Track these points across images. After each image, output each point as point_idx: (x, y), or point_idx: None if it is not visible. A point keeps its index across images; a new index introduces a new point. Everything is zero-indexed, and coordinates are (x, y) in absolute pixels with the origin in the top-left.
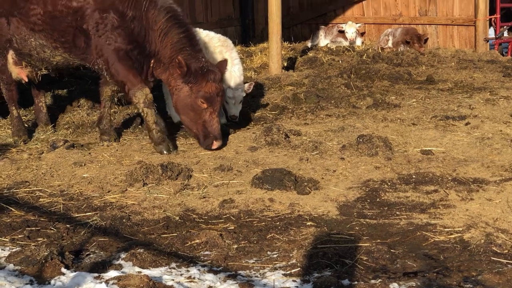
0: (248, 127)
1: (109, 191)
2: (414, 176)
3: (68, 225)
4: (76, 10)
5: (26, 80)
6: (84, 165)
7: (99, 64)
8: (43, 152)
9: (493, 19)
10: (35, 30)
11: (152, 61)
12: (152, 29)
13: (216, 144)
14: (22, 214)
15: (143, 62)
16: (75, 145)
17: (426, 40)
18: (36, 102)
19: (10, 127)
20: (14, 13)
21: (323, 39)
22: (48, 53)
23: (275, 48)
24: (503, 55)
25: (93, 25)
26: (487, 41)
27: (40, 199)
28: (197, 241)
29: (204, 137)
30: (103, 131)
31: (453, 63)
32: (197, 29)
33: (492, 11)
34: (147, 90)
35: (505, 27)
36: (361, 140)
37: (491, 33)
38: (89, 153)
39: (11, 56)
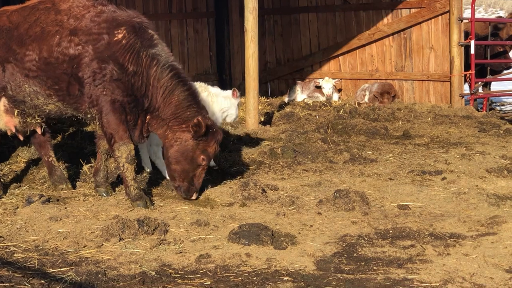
0: (225, 181)
1: (84, 246)
2: (391, 231)
3: (42, 281)
4: (72, 58)
5: (13, 131)
6: (60, 220)
7: (92, 113)
8: (18, 207)
9: (468, 75)
10: (29, 77)
11: (148, 117)
12: (154, 86)
13: (195, 196)
14: None
15: (137, 116)
16: (51, 200)
17: (394, 97)
18: (44, 158)
19: None
20: (10, 59)
21: (300, 94)
22: (41, 100)
23: (252, 103)
24: (478, 111)
25: (90, 74)
26: (463, 97)
27: (15, 254)
28: None
29: (187, 189)
30: (99, 183)
31: (429, 118)
32: None
33: (467, 67)
34: (132, 147)
35: (479, 83)
36: (338, 195)
37: (466, 88)
38: (65, 208)
39: (3, 103)
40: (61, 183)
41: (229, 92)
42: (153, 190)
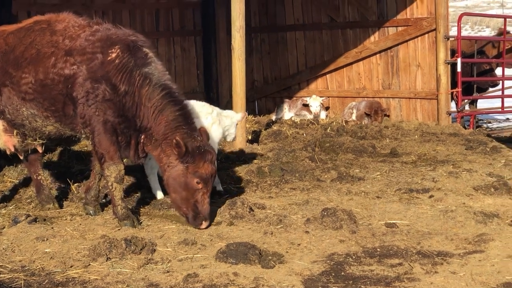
0: (212, 200)
1: (71, 266)
2: (378, 249)
3: None
4: (67, 78)
5: (12, 150)
6: (47, 239)
7: (86, 133)
8: (4, 227)
9: (454, 93)
10: (26, 100)
11: (142, 137)
12: (145, 106)
13: (205, 225)
14: None
15: (130, 136)
16: (37, 220)
17: (385, 115)
18: (33, 177)
19: None
20: (6, 83)
21: (288, 112)
22: (39, 122)
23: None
24: (465, 128)
25: (83, 94)
26: (450, 114)
27: (1, 275)
28: None
29: (194, 217)
30: (89, 201)
31: (416, 136)
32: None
33: (453, 85)
34: (122, 167)
35: (466, 100)
36: (325, 213)
37: (453, 106)
38: (52, 228)
39: (1, 123)
40: (48, 203)
41: (229, 112)
42: (141, 209)
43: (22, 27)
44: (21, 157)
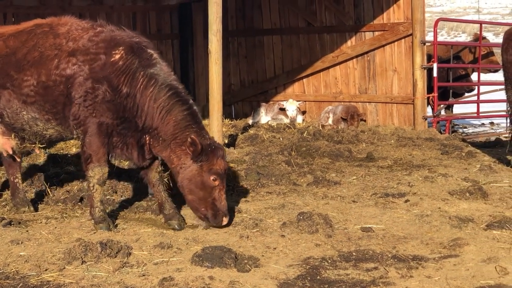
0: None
1: (46, 270)
2: (354, 254)
3: None
4: (68, 77)
5: (10, 153)
6: (21, 243)
7: (78, 133)
8: None
9: (430, 98)
10: (27, 103)
11: (147, 138)
12: (150, 106)
13: (225, 220)
14: None
15: (130, 137)
16: (12, 223)
17: (361, 119)
18: (10, 179)
19: None
20: (6, 85)
21: (264, 116)
22: (41, 126)
23: (216, 125)
24: (441, 133)
25: (82, 94)
26: (426, 119)
27: None
28: None
29: (214, 215)
30: (170, 215)
31: (392, 141)
32: None
33: (430, 90)
34: (106, 170)
35: (442, 105)
36: (301, 217)
37: (429, 111)
38: (27, 231)
39: None
40: (23, 206)
41: None
42: (117, 212)
43: (23, 30)
44: (18, 160)
